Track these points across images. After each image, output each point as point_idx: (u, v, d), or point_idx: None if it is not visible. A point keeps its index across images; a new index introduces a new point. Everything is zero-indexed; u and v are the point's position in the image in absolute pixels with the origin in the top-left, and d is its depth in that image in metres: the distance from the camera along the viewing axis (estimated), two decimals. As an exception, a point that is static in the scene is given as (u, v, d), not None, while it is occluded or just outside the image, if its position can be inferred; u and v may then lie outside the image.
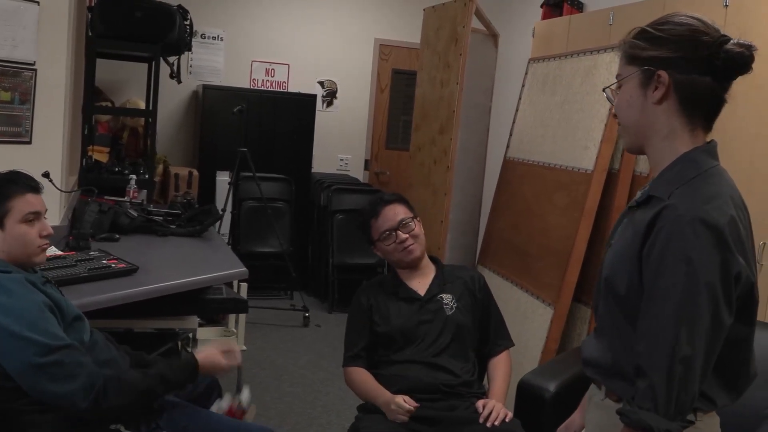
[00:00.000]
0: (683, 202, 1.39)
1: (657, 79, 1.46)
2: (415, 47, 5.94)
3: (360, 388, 2.53)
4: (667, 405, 1.36)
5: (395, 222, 2.60)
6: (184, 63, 6.04)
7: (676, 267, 1.37)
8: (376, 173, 7.44)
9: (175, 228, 3.89)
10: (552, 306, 3.46)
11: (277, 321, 5.61)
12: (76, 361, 1.90)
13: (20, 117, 3.26)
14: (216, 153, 6.26)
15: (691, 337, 1.35)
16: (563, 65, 3.88)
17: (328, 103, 7.19)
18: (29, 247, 2.08)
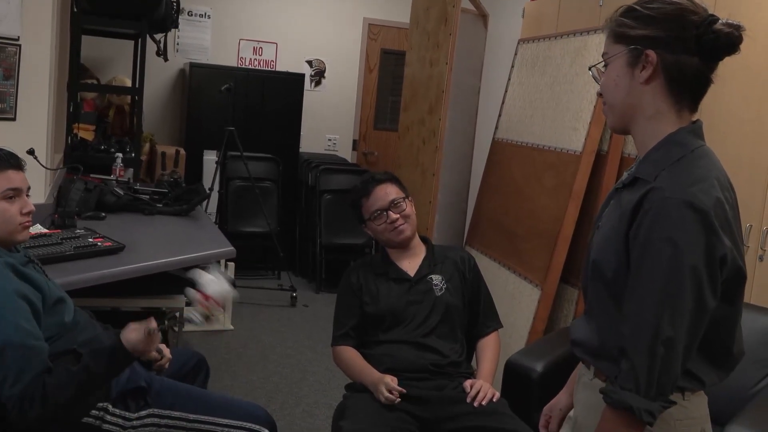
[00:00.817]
0: (669, 184, 1.39)
1: (645, 58, 1.44)
2: (404, 27, 5.90)
3: (348, 367, 2.53)
4: (648, 386, 1.36)
5: (386, 202, 2.59)
6: (170, 41, 6.00)
7: (661, 249, 1.36)
8: (364, 153, 7.42)
9: (162, 207, 3.88)
10: (539, 287, 3.47)
11: (264, 301, 5.60)
12: (25, 367, 1.84)
13: (4, 93, 3.21)
14: (203, 132, 6.22)
15: (673, 320, 1.36)
16: (553, 46, 3.87)
17: (316, 82, 7.15)
18: (9, 225, 2.04)
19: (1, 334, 1.84)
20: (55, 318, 2.04)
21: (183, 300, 3.40)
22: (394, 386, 2.34)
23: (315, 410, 3.80)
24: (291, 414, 3.72)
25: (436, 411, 2.36)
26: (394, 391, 2.33)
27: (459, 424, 2.32)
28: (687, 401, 1.48)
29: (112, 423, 2.05)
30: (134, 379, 2.16)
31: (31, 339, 1.88)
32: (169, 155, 5.89)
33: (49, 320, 2.01)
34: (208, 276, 2.18)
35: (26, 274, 1.99)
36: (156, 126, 6.53)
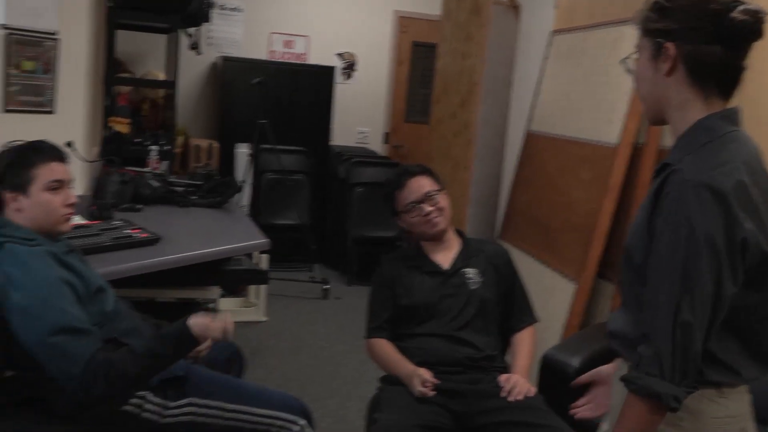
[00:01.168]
0: (690, 167, 1.38)
1: (664, 51, 1.44)
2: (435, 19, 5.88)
3: (382, 359, 2.53)
4: (672, 371, 1.36)
5: (420, 194, 2.57)
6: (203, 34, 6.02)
7: (678, 232, 1.36)
8: (395, 146, 7.41)
9: (196, 199, 3.90)
10: (575, 281, 3.44)
11: (296, 293, 5.63)
12: (80, 348, 1.87)
13: (43, 87, 3.26)
14: (235, 125, 6.25)
15: (691, 303, 1.35)
16: (588, 37, 3.83)
17: (347, 75, 7.15)
18: (53, 216, 2.08)
19: (50, 320, 1.87)
20: (97, 306, 2.07)
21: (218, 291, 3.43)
22: (428, 378, 2.33)
23: (348, 402, 3.81)
24: (324, 406, 3.74)
25: (471, 404, 2.35)
26: (428, 384, 2.33)
27: (493, 418, 2.31)
28: (724, 398, 1.45)
29: (151, 411, 2.08)
30: (173, 369, 2.18)
31: (79, 322, 1.91)
32: (202, 148, 5.93)
33: (91, 308, 2.03)
34: None
35: (68, 263, 2.02)
36: (189, 119, 6.58)
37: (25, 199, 2.04)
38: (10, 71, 3.11)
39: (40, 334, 1.86)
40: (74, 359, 1.86)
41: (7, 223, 2.03)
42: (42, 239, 2.03)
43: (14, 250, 1.95)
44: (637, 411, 1.40)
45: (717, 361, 1.43)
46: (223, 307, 4.67)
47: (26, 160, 2.05)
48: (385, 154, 7.30)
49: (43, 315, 1.87)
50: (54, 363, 1.86)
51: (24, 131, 2.77)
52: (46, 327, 1.86)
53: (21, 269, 1.91)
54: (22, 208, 2.04)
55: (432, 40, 6.88)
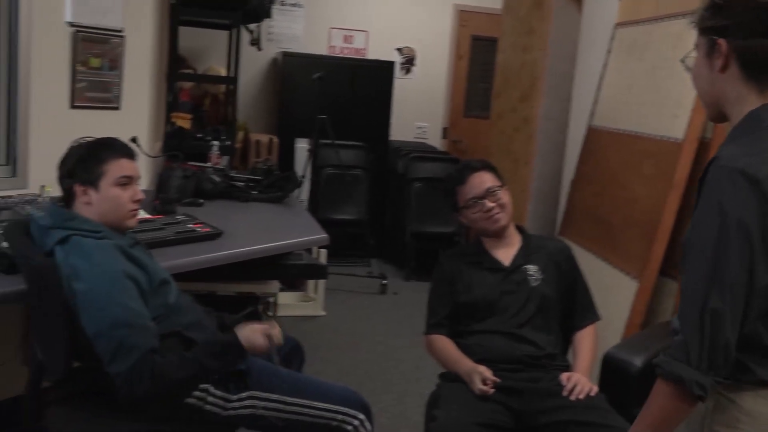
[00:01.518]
0: (728, 154, 1.38)
1: (717, 48, 1.45)
2: (495, 13, 5.83)
3: (442, 355, 2.52)
4: (699, 358, 1.34)
5: (482, 190, 2.55)
6: (264, 30, 6.08)
7: (711, 218, 1.36)
8: (454, 141, 7.38)
9: (257, 194, 3.94)
10: (637, 279, 3.37)
11: (354, 288, 5.65)
12: (133, 345, 1.89)
13: (109, 83, 3.33)
14: (295, 120, 6.30)
15: (720, 290, 1.33)
16: (652, 30, 3.74)
17: (406, 70, 7.14)
18: (121, 211, 2.13)
19: (110, 314, 1.90)
20: (160, 299, 2.10)
21: (277, 285, 3.46)
22: (488, 376, 2.31)
23: (405, 398, 3.81)
24: (381, 401, 3.74)
25: (531, 403, 2.32)
26: (489, 382, 2.30)
27: (554, 417, 2.27)
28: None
29: (213, 404, 2.10)
30: (234, 363, 2.20)
31: (138, 318, 1.94)
32: (262, 143, 5.99)
33: (155, 301, 2.07)
34: None
35: (134, 256, 2.06)
36: (250, 114, 6.65)
37: (94, 193, 2.09)
38: (78, 68, 3.18)
39: (99, 326, 1.90)
40: (125, 355, 1.88)
41: (74, 216, 2.08)
42: (108, 232, 2.08)
43: (81, 242, 2.00)
44: (662, 395, 1.41)
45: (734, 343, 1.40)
46: (282, 302, 4.72)
47: (97, 156, 2.10)
48: (443, 149, 7.27)
49: (104, 308, 1.91)
50: (107, 356, 1.90)
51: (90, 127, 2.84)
52: (105, 320, 1.90)
53: (87, 261, 1.96)
54: (91, 202, 2.09)
55: (492, 34, 6.83)
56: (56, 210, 2.10)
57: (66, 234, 2.02)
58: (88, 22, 3.20)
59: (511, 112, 4.51)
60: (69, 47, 3.15)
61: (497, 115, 4.77)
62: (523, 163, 4.21)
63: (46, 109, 3.11)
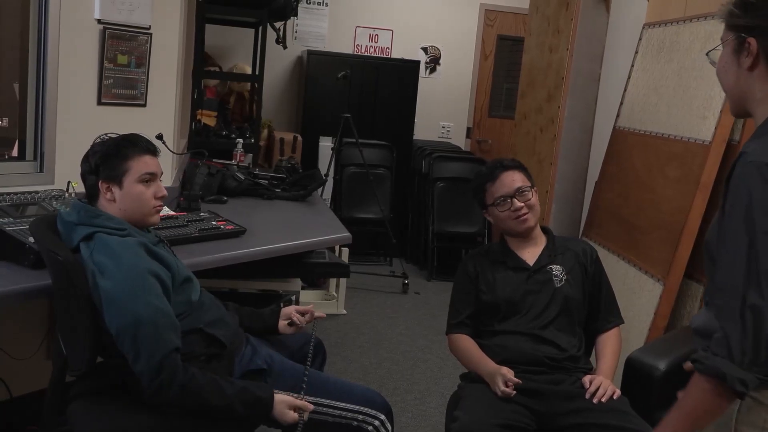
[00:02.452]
0: (756, 149, 1.38)
1: (747, 46, 1.45)
2: (521, 12, 5.80)
3: (464, 355, 2.51)
4: (742, 354, 1.33)
5: (512, 189, 2.54)
6: (289, 29, 6.11)
7: (740, 214, 1.36)
8: (478, 141, 7.35)
9: (280, 192, 3.95)
10: (661, 282, 3.34)
11: (376, 287, 5.65)
12: (159, 344, 1.90)
13: (136, 80, 3.35)
14: (319, 118, 6.31)
15: (758, 284, 1.33)
16: (681, 30, 3.70)
17: (431, 69, 7.13)
18: (144, 207, 2.14)
19: (134, 312, 1.91)
20: (183, 296, 2.11)
21: (299, 283, 3.47)
22: (511, 378, 2.30)
23: (427, 398, 3.80)
24: (403, 400, 3.74)
25: (553, 405, 2.31)
26: (511, 384, 2.29)
27: (577, 420, 2.26)
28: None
29: (235, 402, 2.11)
30: (254, 360, 2.21)
31: (162, 316, 1.95)
32: (286, 141, 6.01)
33: (178, 298, 2.08)
34: None
35: (157, 253, 2.07)
36: (274, 112, 6.68)
37: (118, 189, 2.10)
38: (106, 65, 3.20)
39: (122, 324, 1.91)
40: (150, 354, 1.89)
41: (99, 213, 2.10)
42: (132, 229, 2.09)
43: (105, 239, 2.01)
44: (701, 391, 1.39)
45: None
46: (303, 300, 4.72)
47: (121, 153, 2.12)
48: (467, 149, 7.25)
49: (128, 305, 1.92)
50: (131, 354, 1.91)
51: (117, 124, 2.86)
52: (129, 318, 1.91)
53: (111, 259, 1.97)
54: (115, 199, 2.10)
55: (518, 34, 6.81)
56: (81, 206, 2.12)
57: (91, 231, 2.03)
58: (116, 19, 3.22)
59: (536, 113, 4.48)
60: (97, 44, 3.17)
61: (522, 115, 4.75)
62: (548, 164, 4.18)
63: (74, 105, 3.13)
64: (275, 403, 2.03)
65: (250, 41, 5.89)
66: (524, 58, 4.84)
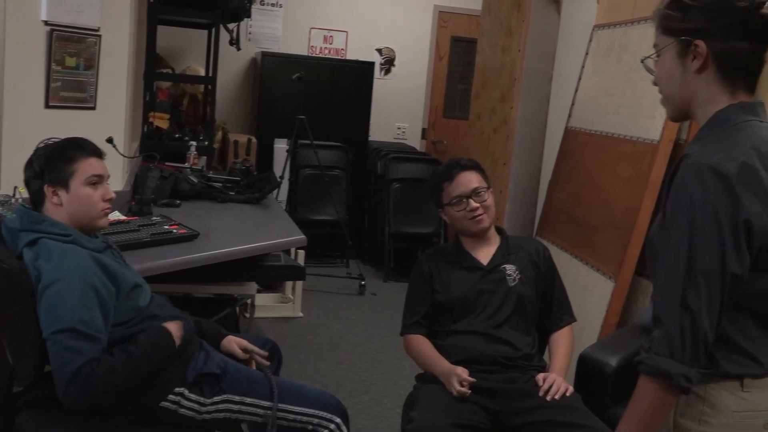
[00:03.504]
0: (698, 151, 1.40)
1: (694, 49, 1.45)
2: (475, 14, 5.84)
3: (419, 356, 2.51)
4: (683, 352, 1.36)
5: (468, 189, 2.55)
6: (243, 30, 6.06)
7: (681, 214, 1.38)
8: (434, 142, 7.39)
9: (235, 195, 3.92)
10: (613, 279, 3.39)
11: (333, 289, 5.64)
12: (78, 351, 1.87)
13: (85, 83, 3.30)
14: (274, 120, 6.28)
15: (696, 283, 1.36)
16: (630, 32, 3.76)
17: (386, 70, 7.14)
18: (92, 210, 2.11)
19: (59, 316, 1.89)
20: (131, 303, 2.09)
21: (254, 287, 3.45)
22: (465, 377, 2.31)
23: (384, 399, 3.81)
24: (360, 402, 3.74)
25: (508, 404, 2.33)
26: (466, 384, 2.31)
27: (531, 418, 2.28)
28: (747, 392, 1.44)
29: (188, 408, 2.09)
30: (208, 365, 2.19)
31: (85, 327, 1.91)
32: (241, 143, 5.97)
33: (126, 305, 2.06)
34: None
35: (103, 262, 2.04)
36: (228, 114, 6.63)
37: (65, 193, 2.07)
38: (53, 67, 3.15)
39: (48, 328, 1.89)
40: (67, 361, 1.86)
41: (43, 218, 2.06)
42: (78, 236, 2.06)
43: (48, 245, 1.99)
44: (649, 392, 1.42)
45: (737, 350, 1.43)
46: (259, 303, 4.70)
47: (67, 156, 2.09)
48: (423, 149, 7.28)
49: (56, 311, 1.89)
50: (51, 359, 1.88)
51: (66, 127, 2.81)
52: (54, 323, 1.89)
53: (50, 264, 1.95)
54: (62, 203, 2.07)
55: (472, 35, 6.85)
56: (25, 212, 2.08)
57: (35, 237, 2.01)
58: (63, 20, 3.17)
59: (490, 113, 4.52)
60: (44, 46, 3.12)
61: (476, 115, 4.79)
62: (502, 164, 4.22)
63: (20, 109, 3.08)
64: (171, 329, 2.09)
65: (203, 43, 5.83)
66: (477, 59, 4.88)
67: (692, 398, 1.45)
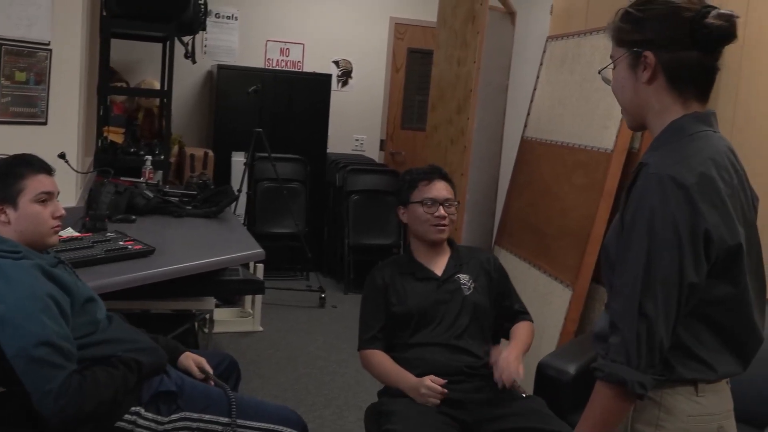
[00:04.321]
0: (656, 161, 1.42)
1: (643, 60, 1.48)
2: (431, 26, 5.88)
3: (380, 371, 2.49)
4: (638, 359, 1.38)
5: (442, 197, 2.57)
6: (198, 43, 6.03)
7: (642, 222, 1.39)
8: (392, 153, 7.40)
9: (191, 209, 3.89)
10: (570, 287, 3.43)
11: (293, 302, 5.61)
12: (58, 363, 1.86)
13: (35, 98, 3.24)
14: (231, 133, 6.23)
15: (653, 292, 1.38)
16: (582, 43, 3.82)
17: (343, 82, 7.15)
18: (42, 228, 2.08)
19: (30, 333, 1.86)
20: (87, 316, 2.06)
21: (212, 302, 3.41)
22: (436, 387, 2.31)
23: (345, 412, 3.79)
24: (321, 416, 3.71)
25: (477, 414, 2.33)
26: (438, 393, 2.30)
27: (500, 426, 2.29)
28: (701, 396, 1.46)
29: (145, 427, 2.05)
30: (165, 383, 2.16)
31: (58, 338, 1.89)
32: (197, 157, 5.92)
33: (81, 319, 2.02)
34: None
35: (55, 275, 2.01)
36: (184, 128, 6.56)
37: (13, 211, 2.03)
38: (3, 82, 3.09)
39: (21, 346, 1.85)
40: (50, 374, 1.84)
41: None
42: (28, 252, 2.02)
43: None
44: (604, 398, 1.43)
45: (692, 356, 1.44)
46: (218, 318, 4.65)
47: (15, 172, 2.05)
48: (381, 161, 7.29)
49: (25, 327, 1.86)
50: (30, 376, 1.85)
51: (16, 143, 2.76)
52: (27, 339, 1.85)
53: (4, 282, 1.91)
54: (10, 221, 2.03)
55: (428, 47, 6.89)
56: (-28, 231, 2.04)
57: None
58: (12, 34, 3.11)
59: (447, 124, 4.55)
60: (-8, 61, 3.06)
61: (433, 127, 4.81)
62: (459, 175, 4.24)
63: (-31, 124, 3.01)
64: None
65: (158, 56, 5.78)
66: (433, 71, 4.91)
67: (648, 403, 1.46)
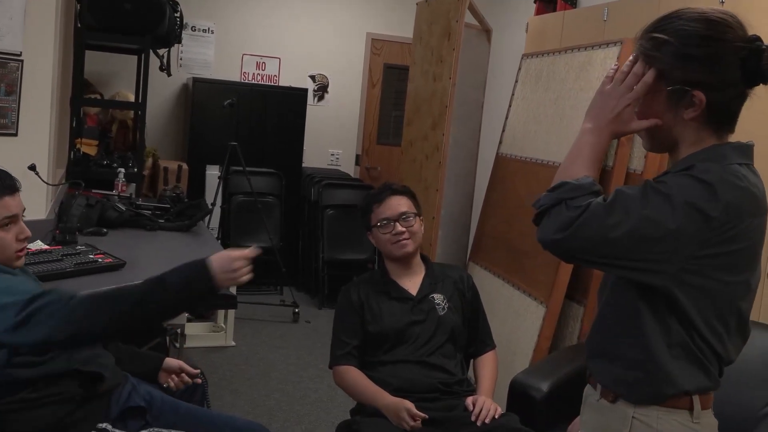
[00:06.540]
0: (705, 168, 1.38)
1: (691, 99, 1.42)
2: (408, 42, 5.90)
3: (355, 388, 2.46)
4: None
5: (396, 213, 2.56)
6: (174, 56, 5.99)
7: (668, 194, 1.37)
8: (367, 168, 7.40)
9: (164, 222, 3.85)
10: (544, 304, 3.43)
11: (266, 317, 5.57)
12: (48, 301, 1.82)
13: (6, 108, 3.20)
14: (206, 147, 6.20)
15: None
16: (557, 61, 3.85)
17: (319, 97, 7.15)
18: (6, 253, 2.00)
19: (19, 297, 1.83)
20: None
21: (184, 316, 3.37)
22: (416, 412, 2.28)
23: (317, 428, 3.76)
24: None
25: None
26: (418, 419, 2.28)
27: None
28: (696, 423, 1.45)
29: (112, 443, 2.02)
30: (133, 398, 2.12)
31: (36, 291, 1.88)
32: (171, 170, 5.87)
33: None
34: None
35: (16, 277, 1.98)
36: (159, 141, 6.52)
37: None
38: (-27, 93, 3.06)
39: (10, 318, 1.80)
40: (50, 311, 1.81)
41: None
42: None
43: None
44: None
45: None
46: (190, 332, 4.61)
47: None
48: (357, 176, 7.28)
49: (7, 302, 1.82)
50: (36, 330, 1.80)
51: (-15, 154, 2.72)
52: (14, 309, 1.80)
53: None
54: None
55: (404, 63, 6.91)
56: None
57: None
58: (-17, 45, 3.08)
59: (422, 140, 4.55)
60: (-37, 71, 3.02)
61: (408, 142, 4.82)
62: (434, 190, 4.24)
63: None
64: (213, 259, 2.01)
65: (133, 68, 5.75)
66: (409, 86, 4.92)
67: (642, 427, 1.45)
